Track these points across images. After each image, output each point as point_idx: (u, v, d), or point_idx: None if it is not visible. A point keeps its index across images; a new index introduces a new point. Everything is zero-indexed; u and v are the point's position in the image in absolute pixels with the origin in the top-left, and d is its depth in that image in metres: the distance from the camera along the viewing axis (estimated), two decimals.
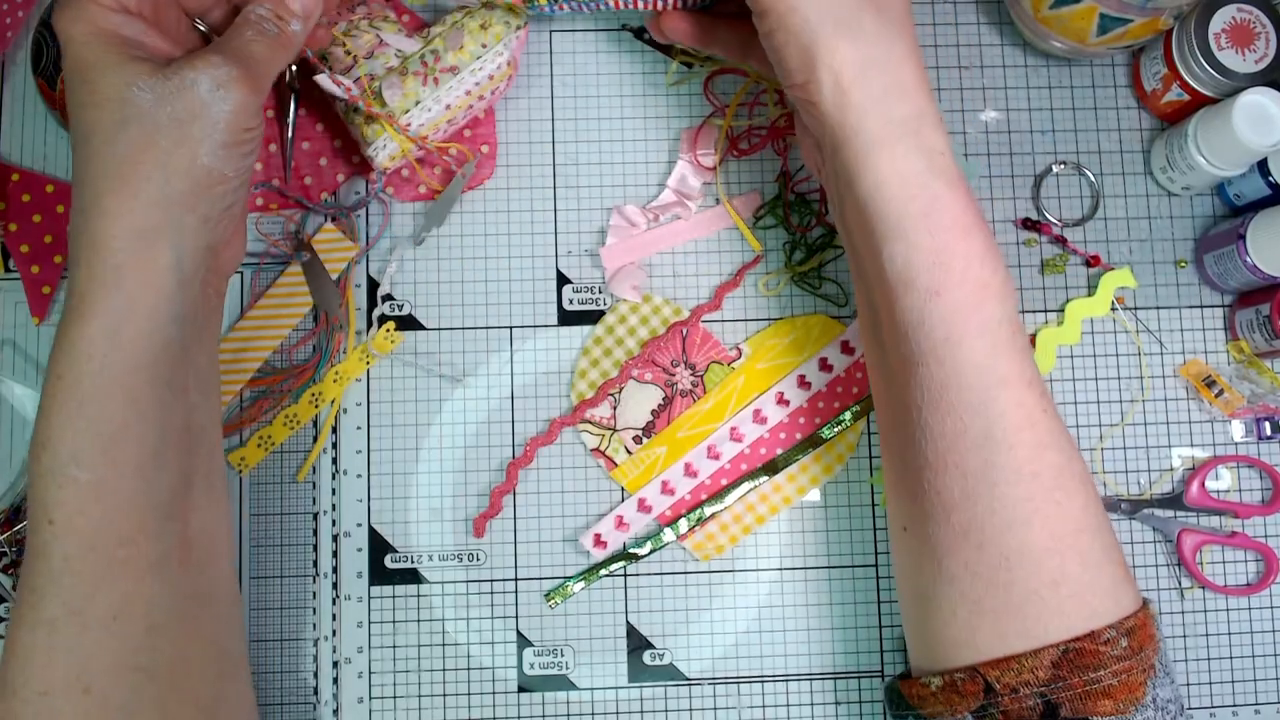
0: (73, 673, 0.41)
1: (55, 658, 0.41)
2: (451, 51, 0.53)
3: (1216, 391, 0.57)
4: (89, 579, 0.41)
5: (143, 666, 0.42)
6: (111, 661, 0.42)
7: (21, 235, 0.56)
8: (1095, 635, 0.41)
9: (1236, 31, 0.55)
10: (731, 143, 0.58)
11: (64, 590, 0.41)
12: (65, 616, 0.41)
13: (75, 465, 0.41)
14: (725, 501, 0.56)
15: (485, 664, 0.55)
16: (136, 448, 0.42)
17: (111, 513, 0.42)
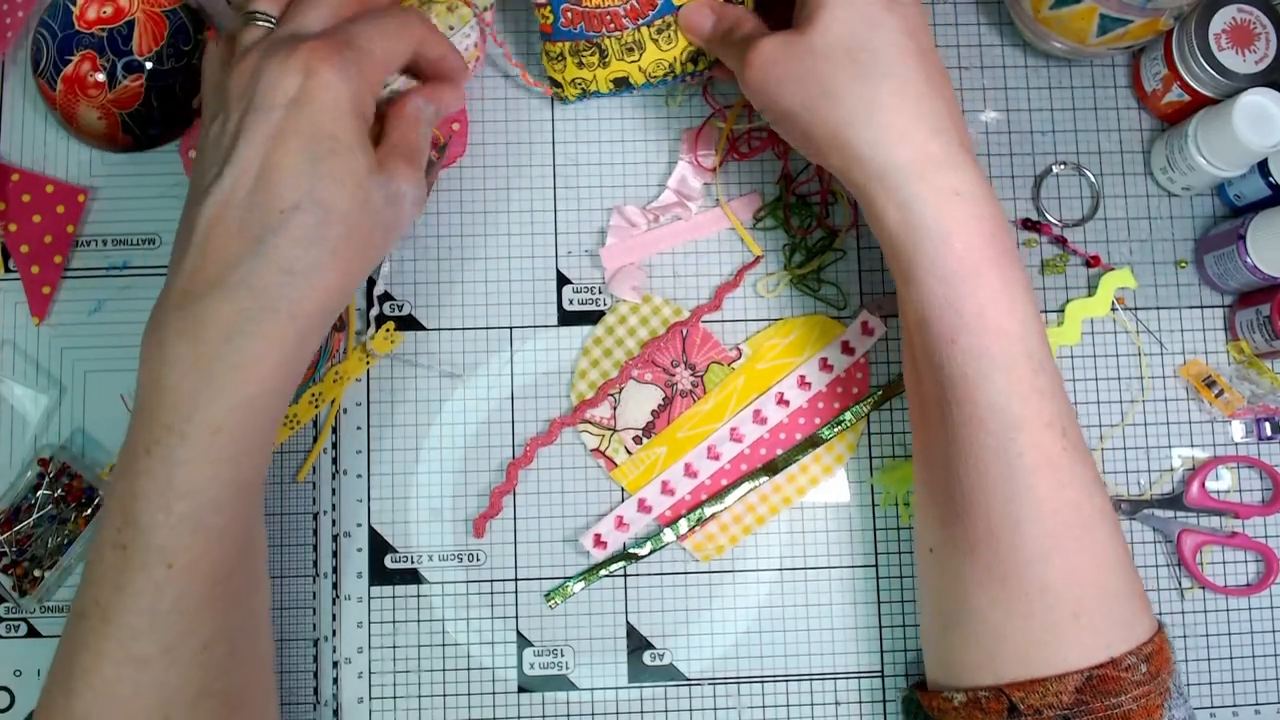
0: (155, 705, 0.41)
1: (142, 693, 0.41)
2: None
3: (1216, 392, 0.57)
4: (193, 617, 0.41)
5: (218, 692, 0.43)
6: (195, 692, 0.42)
7: (21, 235, 0.56)
8: (1117, 662, 0.42)
9: (1236, 32, 0.55)
10: (731, 145, 0.58)
11: (165, 630, 0.41)
12: (159, 655, 0.41)
13: (214, 512, 0.41)
14: (725, 502, 0.56)
15: (485, 664, 0.55)
16: (260, 482, 0.43)
17: (229, 551, 0.42)
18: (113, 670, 0.40)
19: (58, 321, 0.57)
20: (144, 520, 0.40)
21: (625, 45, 0.53)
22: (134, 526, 0.40)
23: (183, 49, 0.56)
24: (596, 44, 0.53)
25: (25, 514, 0.54)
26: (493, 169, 0.59)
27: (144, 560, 0.40)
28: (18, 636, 0.55)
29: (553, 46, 0.54)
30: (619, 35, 0.52)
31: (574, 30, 0.52)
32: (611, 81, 0.54)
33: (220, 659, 0.42)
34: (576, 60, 0.53)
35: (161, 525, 0.40)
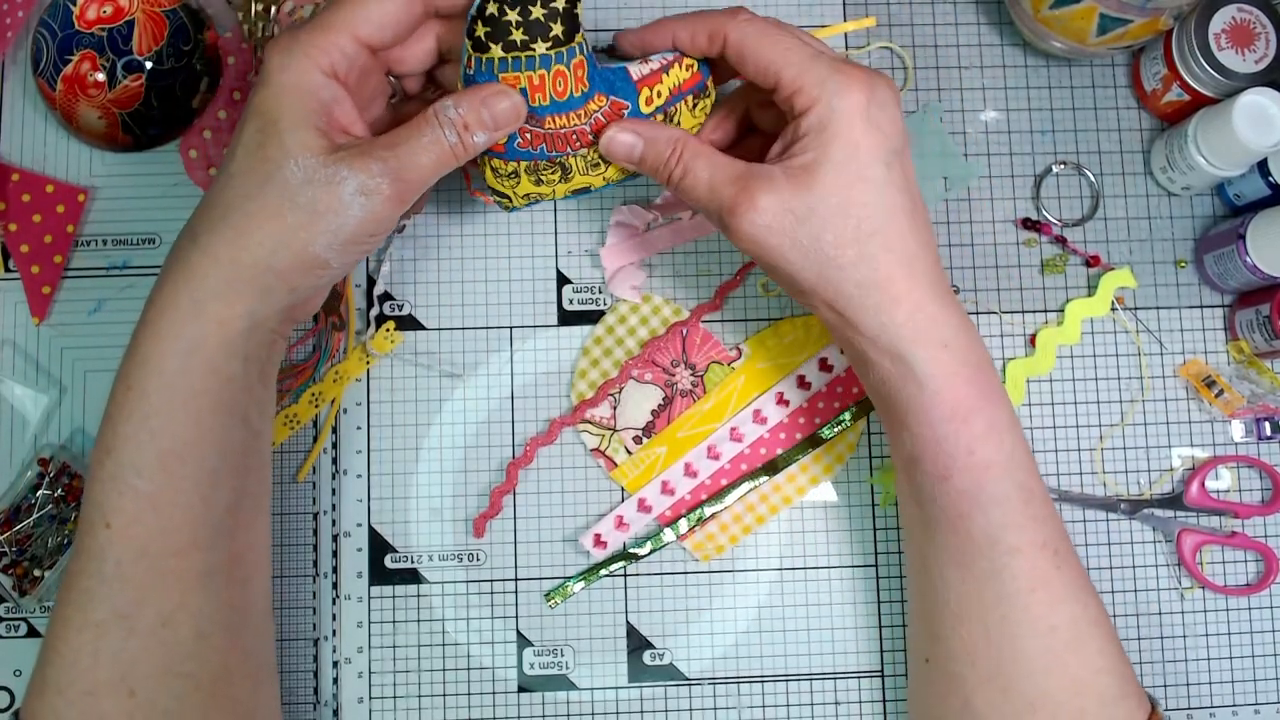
0: (118, 675, 0.42)
1: (101, 660, 0.42)
2: None
3: (1216, 391, 0.57)
4: (139, 585, 0.42)
5: (188, 673, 0.43)
6: (157, 666, 0.43)
7: (21, 235, 0.56)
8: None
9: (1236, 32, 0.55)
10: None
11: (114, 595, 0.42)
12: (113, 620, 0.42)
13: (136, 475, 0.42)
14: (725, 501, 0.56)
15: (485, 664, 0.55)
16: (195, 466, 0.43)
17: (167, 524, 0.43)
18: (74, 636, 0.42)
19: (58, 321, 0.57)
20: (90, 476, 0.43)
21: (590, 161, 0.47)
22: (86, 485, 0.43)
23: (182, 49, 0.56)
24: (559, 163, 0.47)
25: (25, 514, 0.54)
26: None
27: (88, 519, 0.43)
28: (18, 636, 0.55)
29: (504, 165, 0.47)
30: (584, 153, 0.47)
31: (532, 151, 0.46)
32: (571, 192, 0.49)
33: (186, 639, 0.43)
34: (534, 178, 0.47)
35: (96, 480, 0.43)
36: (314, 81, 0.43)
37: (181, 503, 0.43)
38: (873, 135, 0.43)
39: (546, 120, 0.45)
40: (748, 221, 0.43)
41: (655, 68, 0.47)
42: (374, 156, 0.42)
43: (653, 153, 0.46)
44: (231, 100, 0.57)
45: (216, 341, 0.43)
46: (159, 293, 0.43)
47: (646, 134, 0.46)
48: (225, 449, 0.44)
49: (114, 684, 0.42)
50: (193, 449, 0.43)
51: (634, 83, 0.46)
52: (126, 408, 0.42)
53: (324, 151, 0.42)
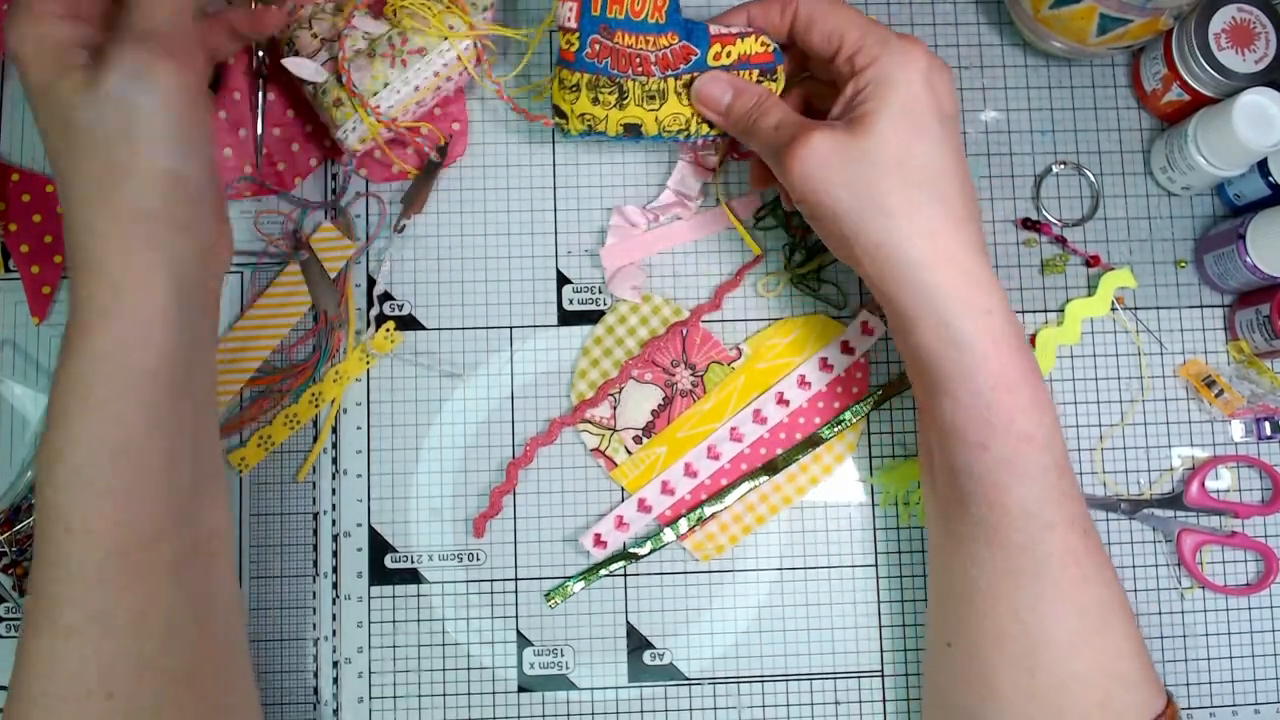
0: (94, 678, 0.41)
1: (74, 664, 0.41)
2: (419, 33, 0.53)
3: (1216, 391, 0.57)
4: (109, 584, 0.41)
5: (163, 669, 0.43)
6: (134, 665, 0.42)
7: (21, 235, 0.56)
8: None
9: (1236, 31, 0.55)
10: (731, 144, 0.58)
11: (83, 597, 0.41)
12: (86, 623, 0.41)
13: (93, 472, 0.41)
14: (725, 501, 0.56)
15: (485, 664, 0.55)
16: (153, 452, 0.42)
17: (131, 517, 0.42)
18: (46, 643, 0.41)
19: (58, 321, 0.57)
20: (41, 482, 0.41)
21: (648, 92, 0.51)
22: (38, 494, 0.41)
23: None
24: (618, 84, 0.51)
25: (25, 514, 0.54)
26: (493, 169, 0.59)
27: (47, 524, 0.41)
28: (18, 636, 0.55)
29: (570, 75, 0.51)
30: (643, 80, 0.51)
31: (597, 64, 0.50)
32: (622, 125, 0.52)
33: (160, 634, 0.42)
34: (592, 95, 0.51)
35: (49, 485, 0.41)
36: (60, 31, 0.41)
37: (142, 493, 0.42)
38: (931, 95, 0.45)
39: (617, 35, 0.50)
40: (799, 158, 0.45)
41: (733, 32, 0.51)
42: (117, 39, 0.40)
43: (739, 103, 0.50)
44: (232, 100, 0.57)
45: (146, 317, 0.42)
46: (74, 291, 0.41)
47: (737, 85, 0.50)
48: (178, 430, 0.43)
49: (91, 688, 0.41)
50: (147, 435, 0.42)
51: (709, 37, 0.50)
52: (72, 409, 0.41)
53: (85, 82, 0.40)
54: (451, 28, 0.54)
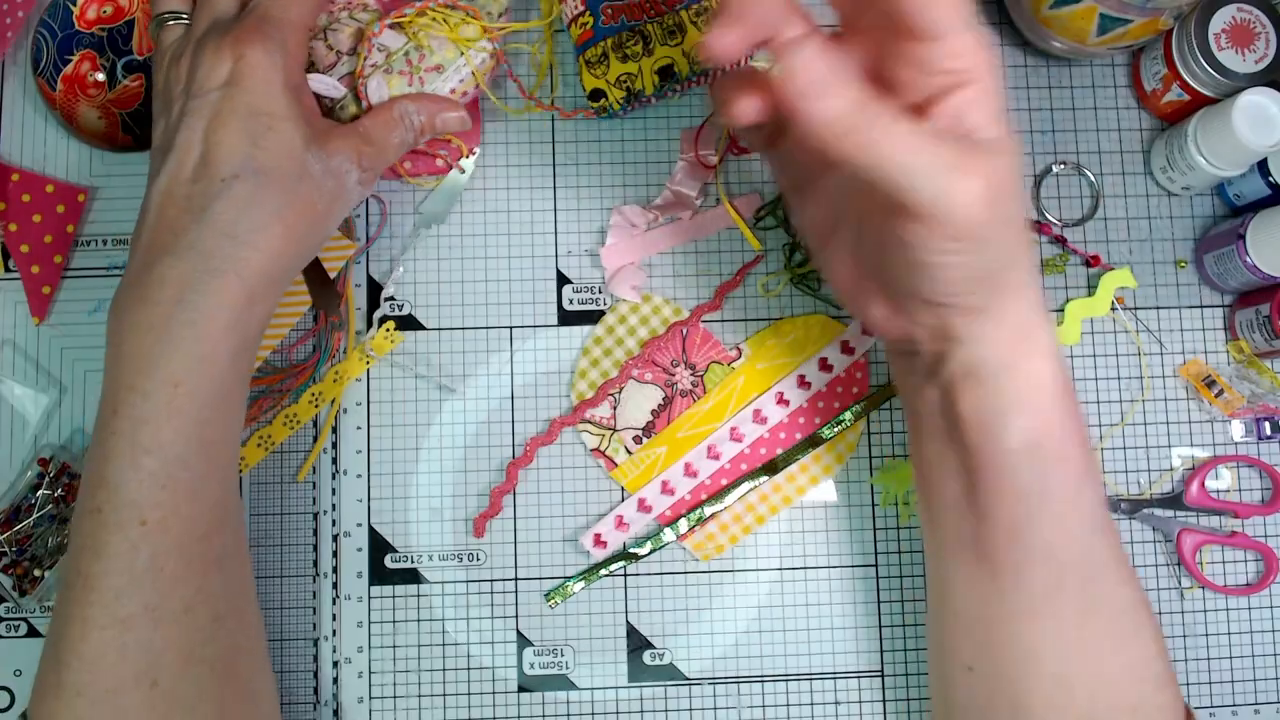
0: (143, 668, 0.42)
1: (128, 655, 0.41)
2: (436, 50, 0.53)
3: (1216, 391, 0.57)
4: (166, 577, 0.42)
5: (205, 658, 0.43)
6: (180, 654, 0.43)
7: (21, 235, 0.56)
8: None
9: (1236, 31, 0.55)
10: (732, 141, 0.58)
11: (145, 589, 0.42)
12: (142, 614, 0.42)
13: (181, 467, 0.42)
14: (725, 501, 0.56)
15: (485, 664, 0.55)
16: (225, 447, 0.44)
17: (199, 512, 0.43)
18: (98, 635, 0.41)
19: (58, 321, 0.57)
20: (114, 479, 0.42)
21: (667, 29, 0.54)
22: (106, 487, 0.42)
23: None
24: (639, 31, 0.54)
25: (25, 514, 0.54)
26: (493, 169, 0.59)
27: (118, 519, 0.41)
28: (18, 636, 0.55)
29: (592, 52, 0.54)
30: (660, 20, 0.54)
31: (614, 25, 0.54)
32: (656, 74, 0.54)
33: (205, 623, 0.43)
34: (620, 55, 0.54)
35: (131, 481, 0.42)
36: (298, 78, 0.45)
37: (215, 487, 0.44)
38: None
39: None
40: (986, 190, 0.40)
41: None
42: (363, 151, 0.47)
43: None
44: None
45: (254, 333, 0.45)
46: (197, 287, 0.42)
47: None
48: (240, 420, 0.46)
49: (138, 677, 0.42)
50: (227, 434, 0.45)
51: None
52: (173, 406, 0.42)
53: (320, 144, 0.45)
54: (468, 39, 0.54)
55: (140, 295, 0.43)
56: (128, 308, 0.43)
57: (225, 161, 0.43)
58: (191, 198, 0.43)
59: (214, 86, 0.44)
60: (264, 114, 0.44)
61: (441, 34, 0.53)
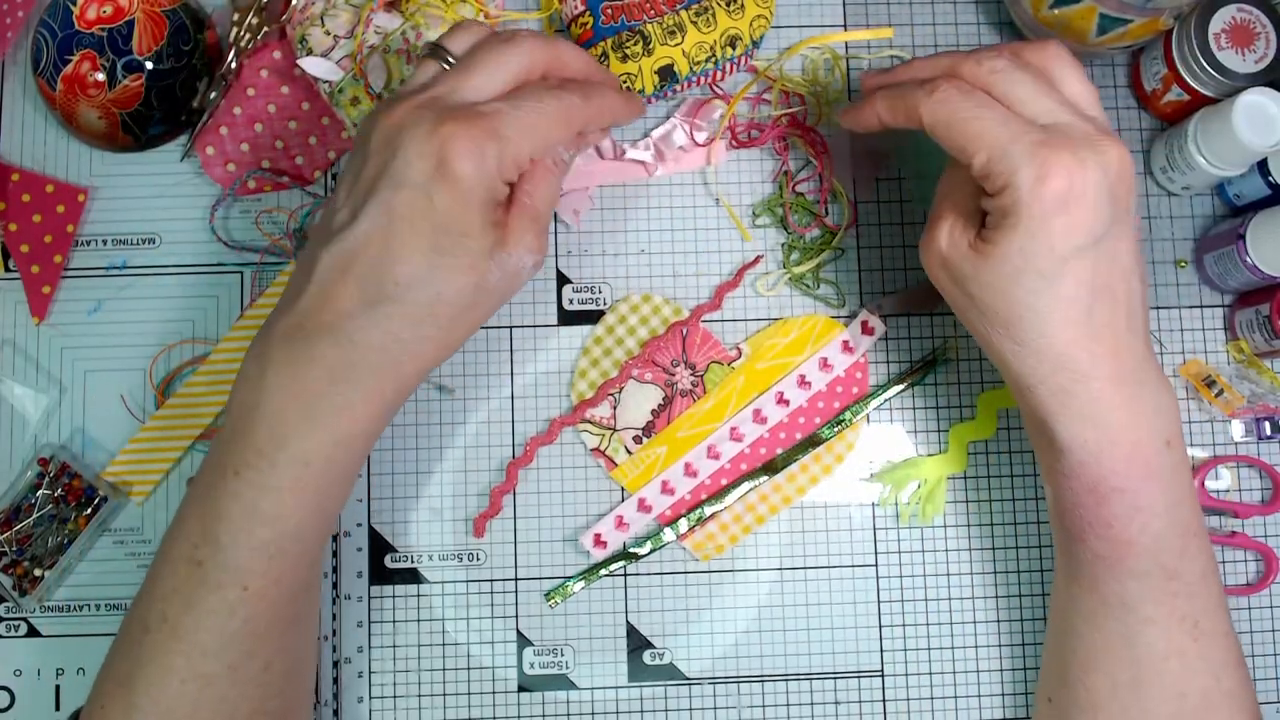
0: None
1: (201, 708, 0.42)
2: (432, 27, 0.53)
3: (1216, 391, 0.57)
4: (257, 637, 0.43)
5: (271, 711, 0.44)
6: (250, 710, 0.43)
7: (21, 235, 0.56)
8: None
9: (1236, 31, 0.55)
10: (731, 132, 0.58)
11: (232, 650, 0.42)
12: (224, 673, 0.42)
13: (294, 540, 0.42)
14: (725, 501, 0.56)
15: (485, 664, 0.55)
16: (336, 514, 0.45)
17: (300, 576, 0.44)
18: (177, 686, 0.42)
19: (58, 321, 0.57)
20: (225, 540, 0.41)
21: (667, 29, 0.54)
22: (213, 544, 0.42)
23: (183, 48, 0.56)
24: (639, 31, 0.54)
25: (25, 514, 0.54)
26: None
27: (219, 579, 0.42)
28: (18, 636, 0.55)
29: (592, 52, 0.54)
30: (660, 20, 0.54)
31: (614, 25, 0.54)
32: (656, 73, 0.55)
33: (278, 679, 0.44)
34: (620, 54, 0.54)
35: (243, 547, 0.41)
36: (499, 192, 0.43)
37: (314, 555, 0.44)
38: (1058, 228, 0.40)
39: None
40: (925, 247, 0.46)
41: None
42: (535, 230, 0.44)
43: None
44: (245, 96, 0.57)
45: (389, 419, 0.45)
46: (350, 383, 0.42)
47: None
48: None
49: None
50: (339, 506, 0.45)
51: None
52: (300, 483, 0.42)
53: (502, 245, 0.43)
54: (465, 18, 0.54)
55: (289, 361, 0.41)
56: (273, 369, 0.42)
57: (400, 265, 0.41)
58: (365, 287, 0.41)
59: (411, 180, 0.41)
60: (454, 232, 0.41)
61: (437, 13, 0.53)
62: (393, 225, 0.41)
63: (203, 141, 0.57)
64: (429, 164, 0.40)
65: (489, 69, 0.43)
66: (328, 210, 0.44)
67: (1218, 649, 0.45)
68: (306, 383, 0.41)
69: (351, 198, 0.43)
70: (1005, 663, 0.56)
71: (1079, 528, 0.45)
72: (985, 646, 0.56)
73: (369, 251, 0.41)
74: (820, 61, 0.59)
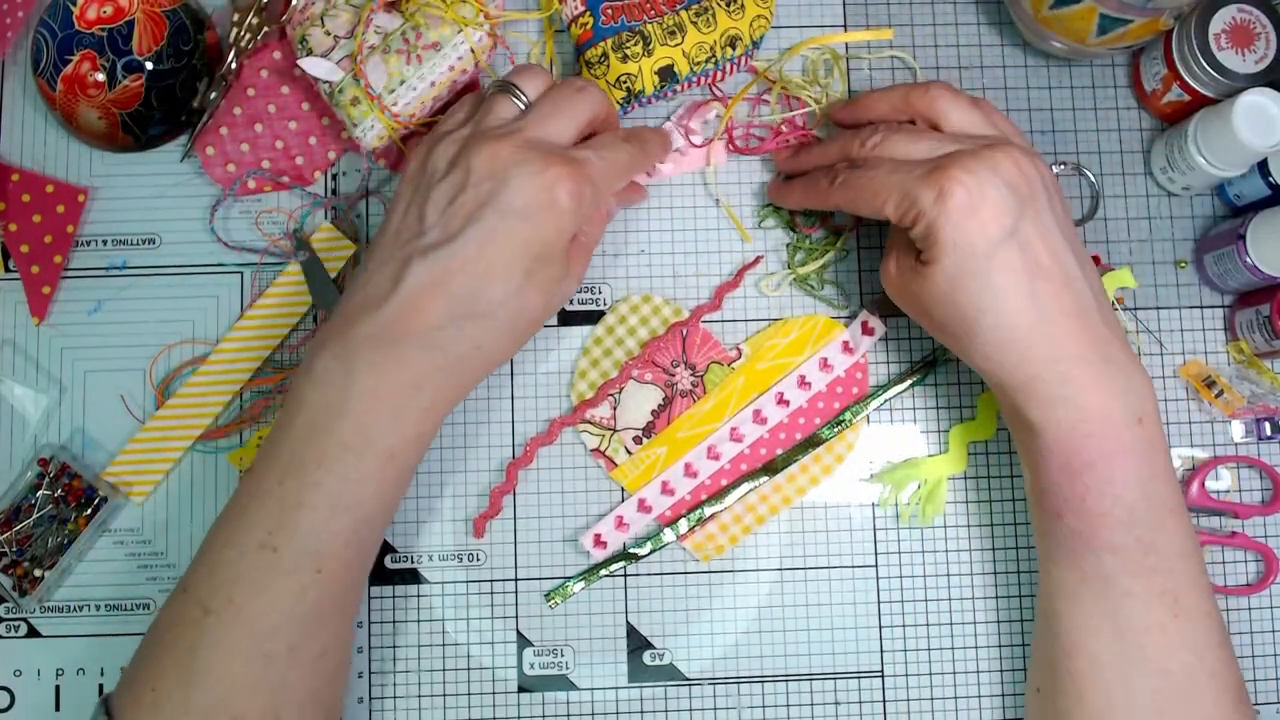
0: (270, 703, 0.44)
1: (261, 690, 0.43)
2: (432, 27, 0.53)
3: (1216, 392, 0.57)
4: (320, 620, 0.44)
5: (323, 699, 0.46)
6: (306, 695, 0.45)
7: (21, 235, 0.56)
8: None
9: (1236, 32, 0.55)
10: (729, 137, 0.58)
11: (296, 630, 0.44)
12: (285, 653, 0.44)
13: (369, 527, 0.45)
14: (725, 502, 0.56)
15: (485, 664, 0.55)
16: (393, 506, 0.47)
17: (365, 562, 0.47)
18: (242, 666, 0.43)
19: (58, 321, 0.57)
20: (304, 527, 0.44)
21: (667, 29, 0.54)
22: (290, 530, 0.43)
23: (183, 49, 0.56)
24: (639, 32, 0.54)
25: (25, 514, 0.54)
26: None
27: (295, 564, 0.43)
28: (18, 636, 0.55)
29: (593, 52, 0.54)
30: (660, 20, 0.54)
31: (614, 25, 0.54)
32: (656, 74, 0.55)
33: (332, 667, 0.46)
34: (620, 55, 0.54)
35: (322, 533, 0.44)
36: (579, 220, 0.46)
37: (379, 542, 0.48)
38: (971, 231, 0.44)
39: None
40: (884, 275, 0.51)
41: None
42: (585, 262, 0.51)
43: None
44: (245, 96, 0.57)
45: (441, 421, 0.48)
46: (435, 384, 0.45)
47: None
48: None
49: (263, 711, 0.43)
50: (404, 494, 0.48)
51: None
52: (383, 474, 0.45)
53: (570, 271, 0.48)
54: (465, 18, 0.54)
55: (377, 364, 0.44)
56: (361, 371, 0.44)
57: (499, 288, 0.45)
58: (456, 303, 0.45)
59: (518, 210, 0.45)
60: (549, 259, 0.46)
61: (437, 13, 0.53)
62: (494, 248, 0.45)
63: (203, 141, 0.57)
64: (541, 197, 0.45)
65: (567, 116, 0.48)
66: (402, 223, 0.47)
67: (1199, 627, 0.46)
68: (396, 386, 0.44)
69: (445, 218, 0.46)
70: (1005, 663, 0.56)
71: (1056, 506, 0.47)
72: (985, 646, 0.56)
73: (464, 270, 0.45)
74: (820, 62, 0.59)
